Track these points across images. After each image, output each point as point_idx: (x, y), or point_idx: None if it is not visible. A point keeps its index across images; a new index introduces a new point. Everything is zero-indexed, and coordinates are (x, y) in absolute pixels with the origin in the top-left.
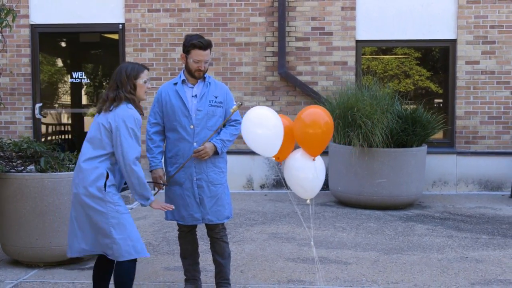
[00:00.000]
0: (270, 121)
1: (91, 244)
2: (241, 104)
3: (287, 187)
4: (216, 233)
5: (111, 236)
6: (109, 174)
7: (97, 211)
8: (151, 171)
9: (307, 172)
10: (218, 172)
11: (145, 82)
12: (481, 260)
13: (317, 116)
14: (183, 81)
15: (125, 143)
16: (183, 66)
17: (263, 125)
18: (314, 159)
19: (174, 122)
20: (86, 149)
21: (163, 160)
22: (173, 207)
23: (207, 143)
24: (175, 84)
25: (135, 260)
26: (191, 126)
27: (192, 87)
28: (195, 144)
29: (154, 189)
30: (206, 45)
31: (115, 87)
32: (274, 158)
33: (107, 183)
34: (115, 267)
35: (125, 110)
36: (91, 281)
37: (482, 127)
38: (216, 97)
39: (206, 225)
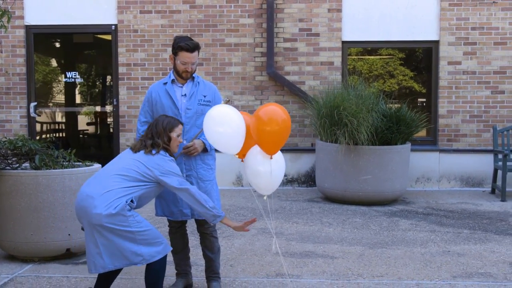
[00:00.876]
0: (232, 119)
1: (116, 260)
2: (229, 101)
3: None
4: (206, 228)
5: (139, 246)
6: (134, 200)
7: (123, 232)
8: None
9: (264, 170)
10: (207, 168)
11: (178, 135)
12: (462, 254)
13: (275, 113)
14: (172, 81)
15: (176, 182)
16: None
17: (224, 123)
18: (271, 158)
19: None
20: (116, 180)
21: None
22: (256, 220)
23: (196, 140)
24: (165, 83)
25: (165, 256)
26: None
27: (182, 87)
28: (184, 141)
29: None
30: (193, 48)
31: (150, 136)
32: (237, 156)
33: (127, 204)
34: (148, 269)
35: (165, 156)
36: (85, 275)
37: (463, 125)
38: (205, 96)
39: (196, 220)
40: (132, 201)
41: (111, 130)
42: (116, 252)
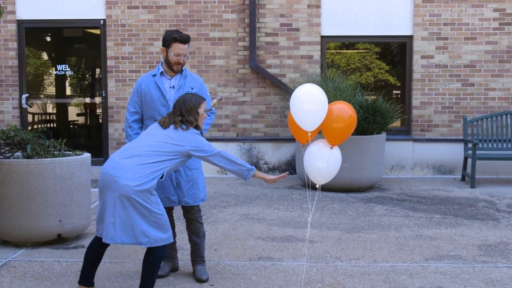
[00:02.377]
0: (318, 97)
1: (125, 236)
2: (221, 99)
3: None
4: (192, 214)
5: (149, 227)
6: (164, 175)
7: (142, 207)
8: None
9: (324, 160)
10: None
11: (204, 111)
12: (434, 237)
13: (343, 111)
14: (161, 73)
15: (209, 152)
16: (162, 59)
17: (310, 101)
18: (332, 148)
19: (153, 111)
20: (149, 155)
21: None
22: (287, 175)
23: None
24: (154, 75)
25: (166, 246)
26: None
27: (170, 79)
28: None
29: None
30: (186, 39)
31: (179, 113)
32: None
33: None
34: (148, 253)
35: (194, 131)
36: (75, 260)
37: (436, 116)
38: (192, 88)
39: (183, 207)
40: (162, 176)
41: (100, 120)
42: (129, 227)
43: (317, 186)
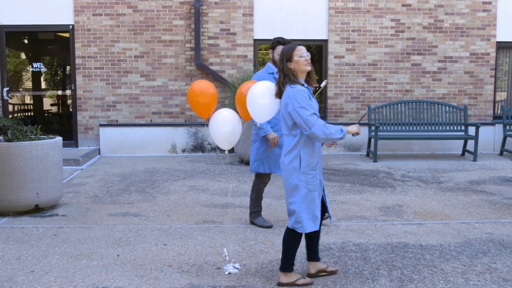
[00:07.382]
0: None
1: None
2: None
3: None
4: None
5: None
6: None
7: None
8: (265, 135)
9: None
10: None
11: (300, 56)
12: (345, 202)
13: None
14: (277, 72)
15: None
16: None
17: (265, 96)
18: (206, 120)
19: None
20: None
21: None
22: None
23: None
24: (271, 73)
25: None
26: None
27: None
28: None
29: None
30: (286, 43)
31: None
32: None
33: (301, 164)
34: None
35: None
36: (50, 226)
37: (346, 104)
38: None
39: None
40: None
41: (70, 109)
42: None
43: (226, 152)
